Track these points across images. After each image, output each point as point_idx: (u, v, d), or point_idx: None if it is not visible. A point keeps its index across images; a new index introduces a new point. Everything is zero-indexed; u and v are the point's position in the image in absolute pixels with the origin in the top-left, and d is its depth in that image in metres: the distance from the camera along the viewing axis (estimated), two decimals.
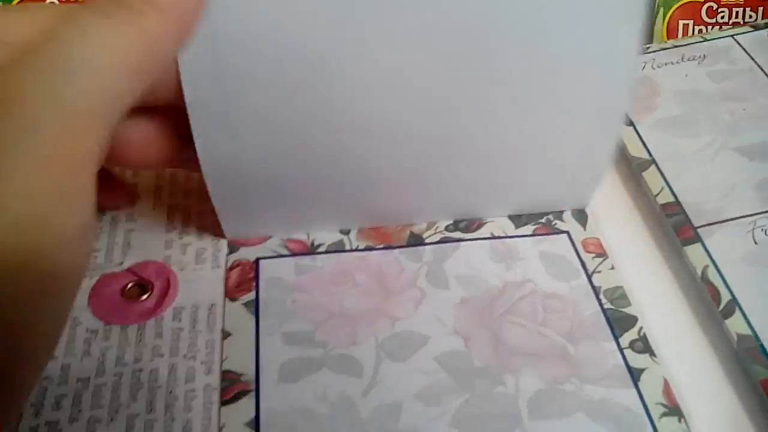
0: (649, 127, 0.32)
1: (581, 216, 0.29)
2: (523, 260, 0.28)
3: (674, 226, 0.28)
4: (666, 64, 0.34)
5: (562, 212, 0.29)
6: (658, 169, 0.30)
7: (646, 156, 0.31)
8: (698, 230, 0.28)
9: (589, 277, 0.27)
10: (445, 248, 0.28)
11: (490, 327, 0.25)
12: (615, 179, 0.31)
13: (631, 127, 0.32)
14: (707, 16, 0.39)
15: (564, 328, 0.26)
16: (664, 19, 0.38)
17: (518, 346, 0.25)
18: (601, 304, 0.26)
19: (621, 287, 0.27)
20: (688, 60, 0.35)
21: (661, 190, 0.30)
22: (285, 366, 0.24)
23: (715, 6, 0.38)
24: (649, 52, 0.35)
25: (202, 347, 0.25)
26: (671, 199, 0.29)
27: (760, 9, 0.38)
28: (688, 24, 0.39)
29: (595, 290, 0.27)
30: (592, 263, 0.28)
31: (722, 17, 0.39)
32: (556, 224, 0.29)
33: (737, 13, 0.39)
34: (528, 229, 0.29)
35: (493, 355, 0.24)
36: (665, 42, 0.36)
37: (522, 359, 0.24)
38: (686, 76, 0.34)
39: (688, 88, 0.33)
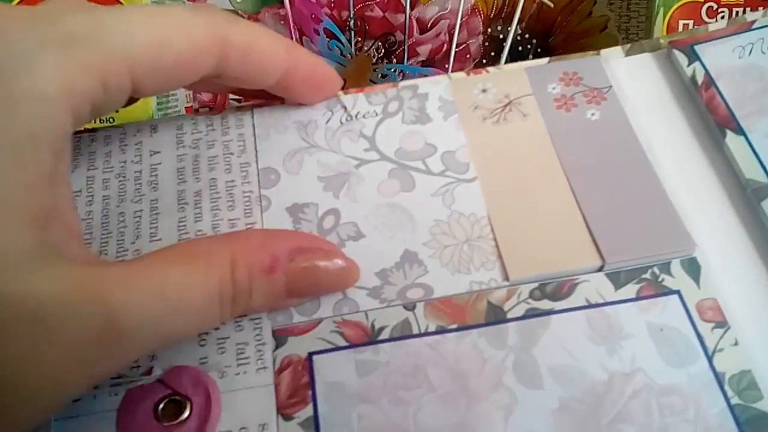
0: (762, 138, 0.26)
1: (693, 267, 0.24)
2: (629, 338, 0.23)
3: None
4: None
5: (669, 263, 0.24)
6: None
7: (763, 179, 0.25)
8: None
9: (710, 360, 0.22)
10: (533, 325, 0.23)
11: None
12: (728, 210, 0.25)
13: (741, 137, 0.26)
14: (707, 16, 0.39)
15: None
16: (664, 19, 0.37)
17: None
18: (727, 399, 0.22)
19: (749, 371, 0.22)
20: None
21: None
22: None
23: (715, 6, 0.38)
24: (755, 29, 0.28)
25: None
26: None
27: (761, 9, 0.34)
28: (688, 24, 0.39)
29: (719, 378, 0.22)
30: (711, 337, 0.23)
31: (722, 17, 0.38)
32: (663, 280, 0.24)
33: (737, 13, 0.38)
34: (630, 290, 0.24)
35: None
36: None
37: None
38: None
39: None
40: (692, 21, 0.39)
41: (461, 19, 0.41)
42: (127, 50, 0.20)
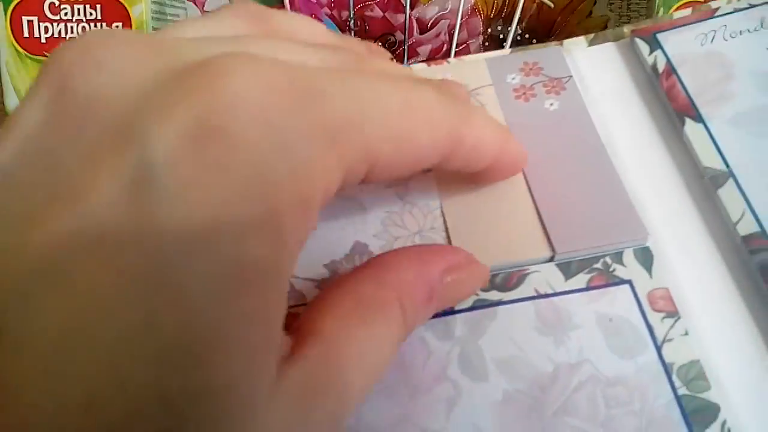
0: (723, 125, 0.25)
1: (646, 256, 0.24)
2: (577, 329, 0.23)
3: (760, 268, 0.23)
4: (741, 33, 0.27)
5: (621, 253, 0.24)
6: (738, 185, 0.24)
7: (721, 166, 0.25)
8: None
9: (659, 350, 0.22)
10: (480, 316, 0.23)
11: None
12: (685, 199, 0.25)
13: (701, 125, 0.26)
14: None
15: (630, 429, 0.21)
16: None
17: None
18: (674, 389, 0.21)
19: (698, 362, 0.22)
20: None
21: (742, 216, 0.24)
22: None
23: None
24: (718, 16, 0.28)
25: None
26: (755, 228, 0.23)
27: None
28: None
29: (667, 369, 0.22)
30: (661, 327, 0.22)
31: None
32: (614, 270, 0.23)
33: None
34: (581, 280, 0.23)
35: None
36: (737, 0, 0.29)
37: None
38: None
39: None
40: None
41: (461, 19, 0.41)
42: (378, 144, 0.17)
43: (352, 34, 0.43)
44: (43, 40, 0.41)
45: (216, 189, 0.14)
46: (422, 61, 0.42)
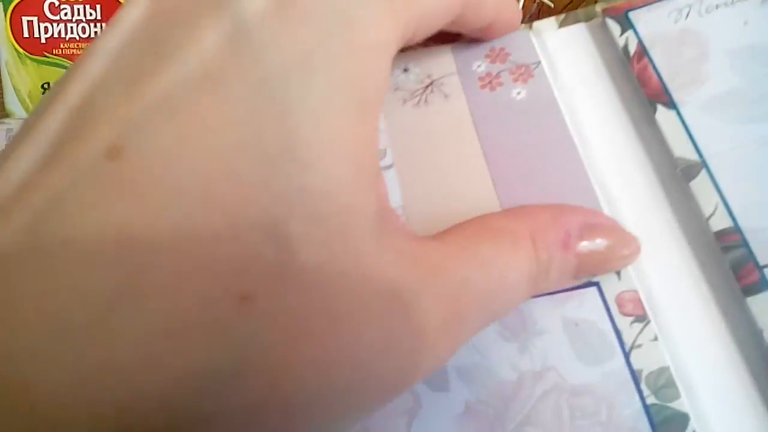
0: (696, 111, 0.24)
1: None
2: (543, 334, 0.22)
3: (733, 266, 0.22)
4: (718, 7, 0.26)
5: None
6: (711, 176, 0.23)
7: (693, 156, 0.23)
8: (766, 271, 0.21)
9: (627, 356, 0.21)
10: None
11: None
12: (656, 192, 0.24)
13: (673, 111, 0.24)
14: None
15: None
16: None
17: None
18: (642, 398, 0.21)
19: (667, 368, 0.21)
20: None
21: (714, 210, 0.23)
22: None
23: None
24: None
25: None
26: (728, 223, 0.22)
27: None
28: None
29: (635, 376, 0.21)
30: (629, 332, 0.22)
31: None
32: None
33: None
34: None
35: None
36: None
37: None
38: (746, 24, 0.26)
39: (750, 43, 0.25)
40: None
41: None
42: (426, 3, 0.19)
43: None
44: (43, 40, 0.42)
45: (301, 35, 0.16)
46: None
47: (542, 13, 0.42)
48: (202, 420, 0.14)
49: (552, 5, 0.41)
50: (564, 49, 0.27)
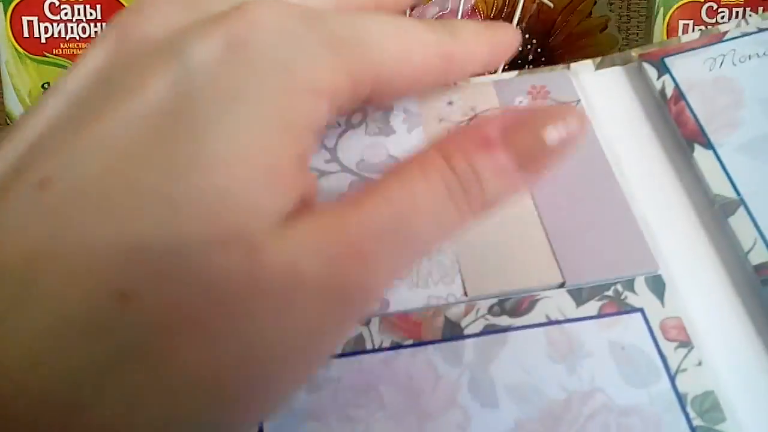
0: (732, 152, 0.25)
1: (657, 284, 0.23)
2: (589, 357, 0.22)
3: None
4: (750, 58, 0.27)
5: (633, 280, 0.23)
6: (749, 213, 0.24)
7: (731, 194, 0.24)
8: None
9: (673, 380, 0.22)
10: (490, 342, 0.23)
11: None
12: (695, 226, 0.25)
13: (710, 151, 0.25)
14: (707, 16, 0.38)
15: None
16: (664, 19, 0.37)
17: None
18: (689, 420, 0.21)
19: (712, 392, 0.21)
20: None
21: (754, 245, 0.23)
22: None
23: (715, 6, 0.38)
24: (727, 40, 0.28)
25: None
26: (767, 257, 0.23)
27: (760, 9, 0.37)
28: (688, 24, 0.38)
29: (681, 399, 0.21)
30: (674, 357, 0.22)
31: (722, 17, 0.38)
32: (626, 298, 0.23)
33: (737, 13, 0.38)
34: (592, 307, 0.23)
35: None
36: (744, 23, 0.28)
37: None
38: None
39: None
40: (692, 21, 0.39)
41: (461, 19, 0.41)
42: (378, 59, 0.20)
43: None
44: (43, 40, 0.42)
45: (238, 76, 0.17)
46: None
47: (542, 13, 0.43)
48: (82, 407, 0.15)
49: (552, 5, 0.42)
50: (601, 90, 0.28)
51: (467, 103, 0.28)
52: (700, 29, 0.33)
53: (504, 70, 0.39)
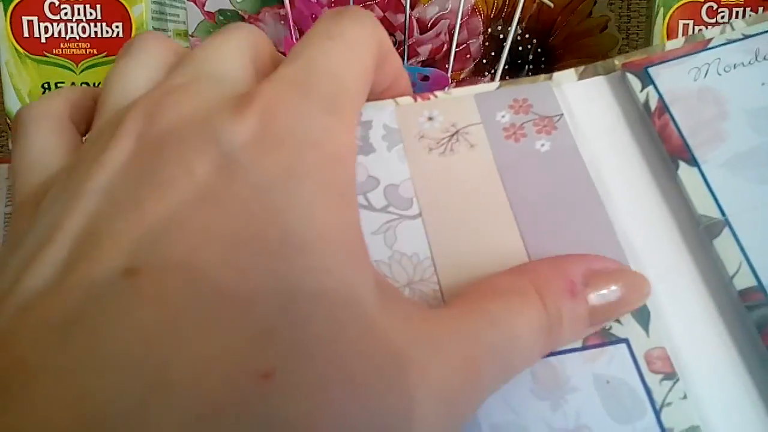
0: (717, 169, 0.25)
1: (642, 313, 0.23)
2: (575, 392, 0.22)
3: (758, 325, 0.22)
4: (735, 67, 0.27)
5: None
6: (734, 234, 0.24)
7: (716, 214, 0.24)
8: None
9: (658, 415, 0.22)
10: None
11: None
12: (680, 248, 0.24)
13: (695, 168, 0.25)
14: (707, 16, 0.39)
15: None
16: (664, 19, 0.37)
17: None
18: None
19: (698, 428, 0.21)
20: (766, 58, 0.27)
21: (738, 268, 0.23)
22: None
23: (715, 6, 0.38)
24: (711, 48, 0.27)
25: None
26: (752, 282, 0.23)
27: (760, 9, 0.38)
28: (688, 24, 0.39)
29: None
30: (659, 390, 0.22)
31: (722, 17, 0.39)
32: (611, 328, 0.23)
33: (737, 13, 0.39)
34: None
35: None
36: (730, 29, 0.28)
37: None
38: (763, 85, 0.26)
39: (767, 104, 0.26)
40: (692, 21, 0.39)
41: (461, 19, 0.41)
42: (360, 100, 0.23)
43: None
44: (43, 40, 0.42)
45: (279, 156, 0.18)
46: (423, 61, 0.41)
47: (542, 13, 0.42)
48: None
49: (552, 5, 0.42)
50: (584, 101, 0.28)
51: (448, 118, 0.27)
52: (701, 29, 0.33)
53: (504, 70, 0.38)
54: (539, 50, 0.42)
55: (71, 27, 0.43)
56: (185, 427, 0.14)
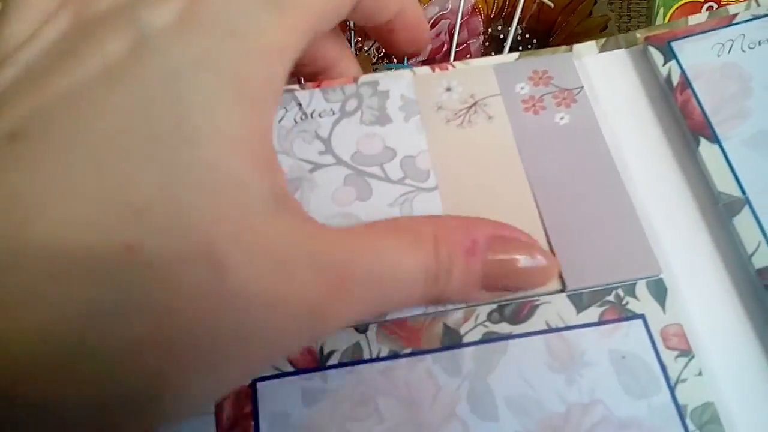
0: (739, 146, 0.25)
1: (659, 289, 0.23)
2: (590, 366, 0.22)
3: None
4: (761, 43, 0.26)
5: (634, 285, 0.23)
6: (754, 213, 0.23)
7: (736, 192, 0.24)
8: None
9: (672, 391, 0.21)
10: (490, 351, 0.22)
11: None
12: (699, 226, 0.24)
13: (716, 146, 0.25)
14: None
15: None
16: (664, 19, 0.36)
17: None
18: None
19: (712, 404, 0.21)
20: None
21: (757, 247, 0.23)
22: None
23: (715, 6, 0.37)
24: (736, 24, 0.27)
25: None
26: None
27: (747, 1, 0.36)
28: None
29: (680, 411, 0.21)
30: (675, 366, 0.22)
31: None
32: (627, 303, 0.23)
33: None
34: (593, 313, 0.23)
35: None
36: (755, 5, 0.27)
37: None
38: None
39: None
40: None
41: (461, 19, 0.40)
42: (318, 8, 0.21)
43: (353, 34, 0.41)
44: None
45: (196, 42, 0.18)
46: (423, 61, 0.40)
47: (542, 13, 0.42)
48: (87, 352, 0.15)
49: (552, 5, 0.41)
50: (605, 75, 0.27)
51: (466, 89, 0.27)
52: None
53: None
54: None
55: None
56: (37, 282, 0.15)
